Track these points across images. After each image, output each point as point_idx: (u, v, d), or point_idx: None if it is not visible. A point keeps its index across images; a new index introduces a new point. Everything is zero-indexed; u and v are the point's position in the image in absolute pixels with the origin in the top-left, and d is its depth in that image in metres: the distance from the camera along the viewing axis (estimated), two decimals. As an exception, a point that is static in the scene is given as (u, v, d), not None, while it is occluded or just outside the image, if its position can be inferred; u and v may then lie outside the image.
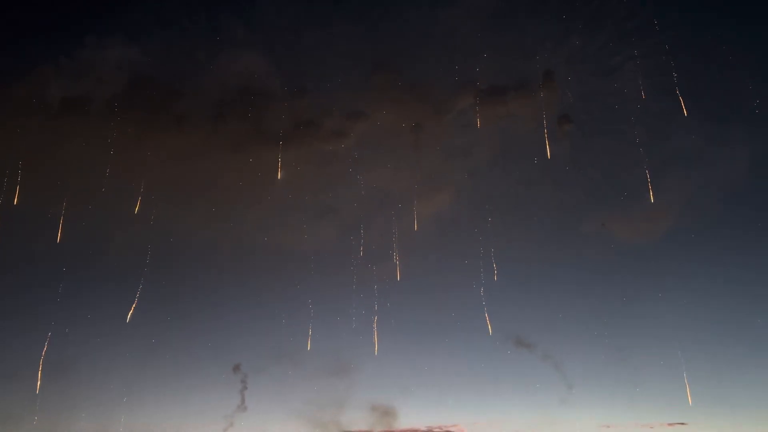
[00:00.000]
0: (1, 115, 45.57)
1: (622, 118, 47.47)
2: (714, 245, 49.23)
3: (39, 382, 40.46)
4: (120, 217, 45.10)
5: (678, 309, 49.47)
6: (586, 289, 48.86)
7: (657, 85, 46.47)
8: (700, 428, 50.64)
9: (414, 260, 47.41)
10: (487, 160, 48.58)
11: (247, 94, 47.62)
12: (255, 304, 47.18)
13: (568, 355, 46.93)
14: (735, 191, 48.43)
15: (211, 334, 45.80)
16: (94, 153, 45.28)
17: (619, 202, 48.36)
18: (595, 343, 47.50)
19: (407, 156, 48.35)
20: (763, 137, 48.20)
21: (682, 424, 49.65)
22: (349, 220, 48.14)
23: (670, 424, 49.53)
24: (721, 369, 50.12)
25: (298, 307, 45.95)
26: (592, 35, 47.96)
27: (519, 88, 46.59)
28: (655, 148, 47.74)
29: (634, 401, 48.73)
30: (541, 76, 46.27)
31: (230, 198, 47.71)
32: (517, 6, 48.50)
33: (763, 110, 48.25)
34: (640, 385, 48.91)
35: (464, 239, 48.22)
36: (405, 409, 44.40)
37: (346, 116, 47.54)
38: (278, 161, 47.16)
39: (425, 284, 47.85)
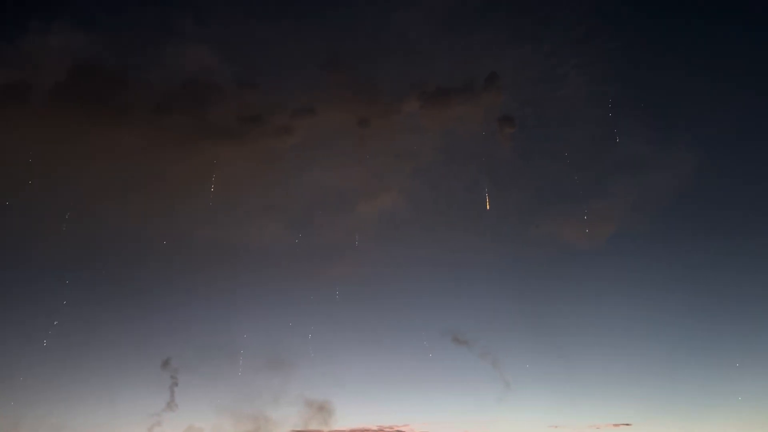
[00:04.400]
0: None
1: (566, 123, 48.30)
2: (657, 249, 50.04)
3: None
4: (52, 211, 44.00)
5: (621, 311, 50.08)
6: (530, 291, 49.13)
7: (601, 93, 47.43)
8: (644, 429, 51.08)
9: (355, 258, 47.30)
10: (432, 161, 48.87)
11: (194, 88, 47.10)
12: (189, 298, 46.34)
13: (512, 356, 46.99)
14: (678, 197, 49.40)
15: (140, 330, 44.76)
16: (30, 143, 44.30)
17: (564, 205, 48.97)
18: (540, 343, 47.71)
19: (354, 155, 48.42)
20: (706, 143, 49.39)
21: (627, 425, 50.01)
22: (292, 216, 47.94)
23: (615, 425, 49.84)
24: (665, 370, 50.71)
25: (235, 302, 45.33)
26: (538, 43, 48.82)
27: (465, 91, 47.09)
28: (599, 153, 48.61)
29: (579, 402, 48.98)
30: (486, 80, 46.91)
31: (170, 192, 47.06)
32: (467, 11, 49.18)
33: (705, 116, 49.53)
34: (585, 386, 49.20)
35: (407, 239, 48.40)
36: (341, 406, 43.87)
37: (293, 113, 47.32)
38: (223, 156, 46.83)
39: (366, 281, 47.70)
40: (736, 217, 50.98)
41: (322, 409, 42.64)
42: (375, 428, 44.13)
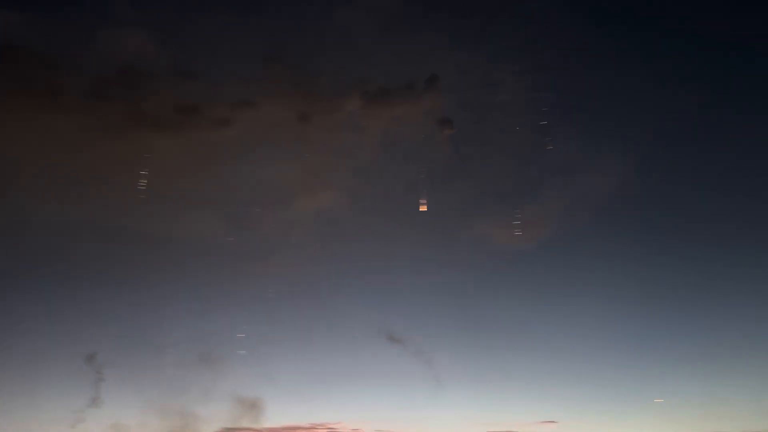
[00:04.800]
0: None
1: (503, 128, 49.37)
2: (587, 252, 51.85)
3: None
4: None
5: (550, 311, 51.66)
6: (464, 290, 49.95)
7: (537, 99, 48.71)
8: (569, 427, 52.80)
9: (291, 255, 46.99)
10: (372, 160, 49.02)
11: (129, 75, 45.66)
12: (117, 291, 44.94)
13: (445, 355, 47.69)
14: (608, 202, 51.30)
15: (63, 323, 43.11)
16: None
17: (498, 208, 50.07)
18: (472, 342, 48.58)
19: (293, 151, 48.08)
20: (636, 150, 51.45)
21: (553, 422, 51.57)
22: (228, 211, 47.19)
23: (541, 423, 51.33)
24: (591, 369, 52.55)
25: (165, 297, 44.32)
26: (478, 48, 49.67)
27: (406, 91, 47.48)
28: (533, 158, 49.95)
29: (508, 400, 50.21)
30: (426, 81, 47.42)
31: (99, 181, 45.53)
32: (410, 12, 49.54)
33: (636, 124, 51.66)
34: (514, 384, 50.48)
35: (345, 237, 48.41)
36: (273, 404, 43.50)
37: (232, 105, 46.54)
38: (157, 147, 45.63)
39: (301, 279, 47.44)
40: (666, 221, 53.38)
41: (253, 407, 42.18)
42: (307, 426, 43.95)
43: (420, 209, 47.13)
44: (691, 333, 56.51)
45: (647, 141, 51.44)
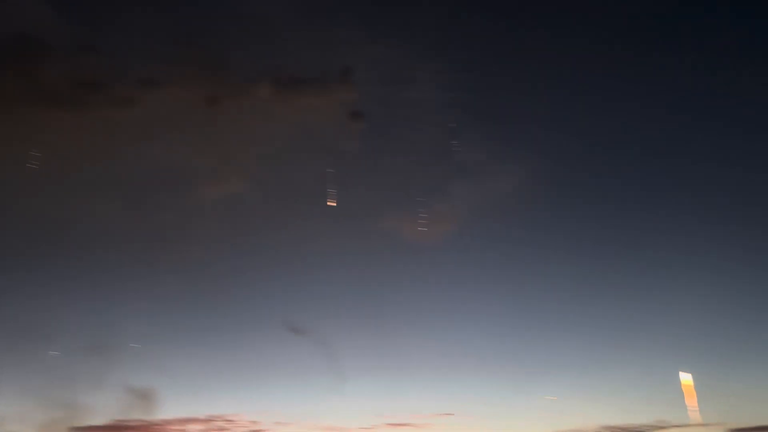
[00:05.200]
0: None
1: (414, 125, 49.98)
2: (491, 250, 53.47)
3: None
4: None
5: (452, 306, 53.04)
6: (369, 284, 50.35)
7: (448, 100, 49.58)
8: (466, 419, 54.49)
9: (193, 243, 45.79)
10: (282, 149, 48.41)
11: (24, 45, 42.88)
12: (3, 276, 42.48)
13: (348, 347, 47.94)
14: (513, 203, 53.09)
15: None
16: None
17: (406, 203, 50.72)
18: (375, 335, 49.11)
19: (200, 135, 46.73)
20: (542, 154, 53.45)
21: (450, 414, 53.02)
22: (127, 195, 45.40)
23: (438, 415, 52.69)
24: (488, 363, 54.36)
25: (54, 281, 42.30)
26: (394, 43, 49.93)
27: (319, 82, 47.12)
28: (442, 157, 50.90)
29: (407, 392, 51.20)
30: (340, 73, 47.25)
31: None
32: (328, 1, 49.11)
33: (541, 130, 53.64)
34: (414, 376, 51.56)
35: (250, 226, 47.62)
36: (167, 395, 42.41)
37: (137, 84, 44.65)
38: (54, 124, 43.20)
39: (203, 268, 46.37)
40: (567, 223, 55.86)
41: (146, 398, 40.91)
42: (203, 418, 43.14)
43: (328, 202, 47.02)
44: (582, 331, 59.47)
45: (552, 145, 53.49)
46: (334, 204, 47.16)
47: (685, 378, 61.29)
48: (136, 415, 40.57)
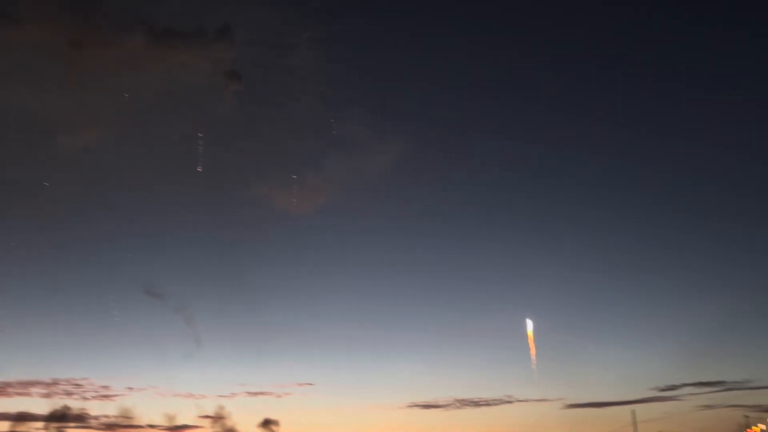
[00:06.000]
0: None
1: (292, 93, 49.63)
2: (362, 223, 54.54)
3: None
4: None
5: (318, 277, 53.50)
6: (234, 250, 49.69)
7: (329, 71, 49.69)
8: (326, 388, 55.43)
9: (48, 198, 42.82)
10: (150, 103, 46.17)
11: None
12: None
13: (207, 314, 47.03)
14: (386, 179, 54.40)
15: None
16: None
17: (279, 172, 50.42)
18: (236, 303, 48.49)
19: (60, 81, 43.29)
20: (416, 135, 55.00)
21: (310, 384, 53.85)
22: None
23: (299, 384, 53.40)
24: (347, 335, 55.52)
25: None
26: (278, 6, 49.13)
27: (195, 37, 45.25)
28: (318, 128, 50.99)
29: (267, 361, 51.16)
30: (218, 31, 45.66)
31: None
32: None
33: (418, 111, 55.12)
34: (275, 347, 51.53)
35: (110, 182, 45.26)
36: (7, 358, 39.74)
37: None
38: None
39: (55, 224, 43.55)
40: (437, 200, 58.07)
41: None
42: (48, 381, 40.94)
43: (197, 162, 45.69)
44: (440, 310, 62.43)
45: (426, 128, 55.27)
46: (203, 165, 45.87)
47: (531, 359, 66.88)
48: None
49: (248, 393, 50.53)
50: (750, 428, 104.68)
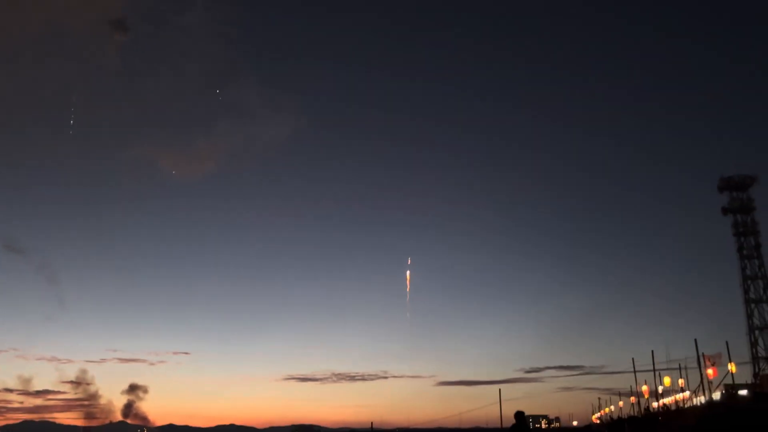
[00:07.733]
0: None
1: (183, 52, 47.49)
2: (250, 192, 53.65)
3: None
4: None
5: (196, 246, 52.07)
6: (110, 212, 47.41)
7: (224, 33, 47.96)
8: (201, 357, 54.67)
9: None
10: (22, 48, 42.80)
11: None
12: None
13: (74, 274, 44.61)
14: (279, 149, 53.88)
15: None
16: None
17: (166, 134, 48.32)
18: (109, 266, 46.42)
19: None
20: (309, 109, 54.74)
21: (186, 353, 52.95)
22: None
23: (175, 353, 52.43)
24: (226, 305, 54.82)
25: None
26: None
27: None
28: (209, 92, 49.37)
29: (141, 329, 49.57)
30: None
31: None
32: None
33: (312, 86, 54.75)
34: (150, 314, 50.13)
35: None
36: None
37: None
38: None
39: None
40: (330, 173, 58.23)
41: None
42: None
43: (70, 116, 42.78)
44: (320, 283, 62.72)
45: (323, 96, 55.03)
46: (78, 119, 43.00)
47: (407, 337, 70.73)
48: None
49: (119, 359, 48.67)
50: (602, 410, 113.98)
